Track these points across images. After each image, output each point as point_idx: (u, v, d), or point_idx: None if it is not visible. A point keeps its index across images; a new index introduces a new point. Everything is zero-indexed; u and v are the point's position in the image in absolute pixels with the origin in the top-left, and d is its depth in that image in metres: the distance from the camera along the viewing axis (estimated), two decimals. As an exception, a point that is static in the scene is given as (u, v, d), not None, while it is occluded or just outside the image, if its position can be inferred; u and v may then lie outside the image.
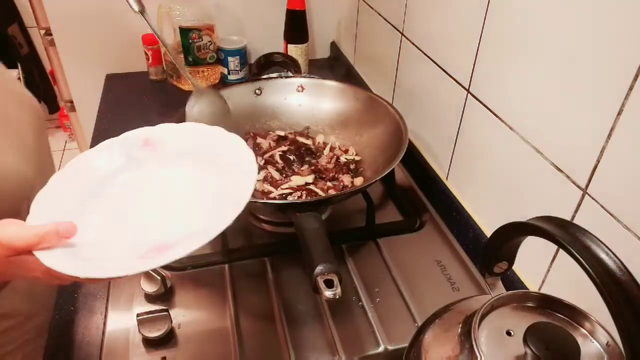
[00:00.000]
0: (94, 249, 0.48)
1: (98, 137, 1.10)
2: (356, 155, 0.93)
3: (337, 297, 0.54)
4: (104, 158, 0.60)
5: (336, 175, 0.87)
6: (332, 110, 0.99)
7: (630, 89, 0.50)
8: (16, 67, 2.55)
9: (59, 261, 0.44)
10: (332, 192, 0.84)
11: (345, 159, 0.91)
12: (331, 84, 1.00)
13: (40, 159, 0.71)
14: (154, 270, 0.69)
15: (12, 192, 0.59)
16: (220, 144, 0.59)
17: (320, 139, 0.97)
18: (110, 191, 0.57)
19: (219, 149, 0.58)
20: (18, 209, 0.61)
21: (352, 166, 0.90)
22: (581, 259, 0.36)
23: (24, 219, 0.60)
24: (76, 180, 0.56)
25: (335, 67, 1.45)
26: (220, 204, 0.51)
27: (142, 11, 0.85)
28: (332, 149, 0.95)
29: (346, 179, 0.86)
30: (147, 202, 0.56)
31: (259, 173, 0.85)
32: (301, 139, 0.95)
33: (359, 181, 0.87)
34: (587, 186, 0.57)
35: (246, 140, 0.68)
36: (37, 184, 0.68)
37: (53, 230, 0.46)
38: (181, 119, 0.85)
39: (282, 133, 0.97)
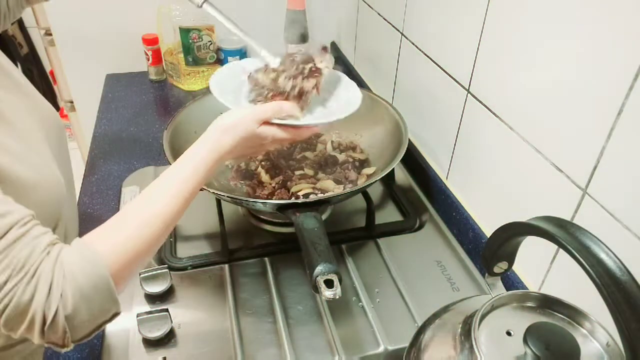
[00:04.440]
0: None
1: (98, 137, 1.10)
2: (361, 152, 0.93)
3: (337, 297, 0.54)
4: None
5: (318, 171, 0.88)
6: (332, 110, 0.99)
7: (630, 89, 0.50)
8: (16, 67, 2.55)
9: (296, 122, 0.65)
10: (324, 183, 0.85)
11: (352, 157, 0.91)
12: (331, 84, 1.00)
13: (65, 170, 0.72)
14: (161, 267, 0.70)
15: (53, 198, 0.60)
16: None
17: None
18: None
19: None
20: (57, 216, 0.62)
21: (357, 163, 0.90)
22: (581, 259, 0.36)
23: (63, 228, 0.64)
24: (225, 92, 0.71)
25: (335, 67, 1.45)
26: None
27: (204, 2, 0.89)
28: (329, 143, 0.95)
29: (352, 174, 0.86)
30: None
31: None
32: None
33: (362, 178, 0.86)
34: (587, 186, 0.57)
35: None
36: (66, 192, 0.68)
37: (279, 106, 0.64)
38: (182, 118, 0.86)
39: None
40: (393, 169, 0.79)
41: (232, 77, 0.76)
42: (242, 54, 1.31)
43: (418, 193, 0.95)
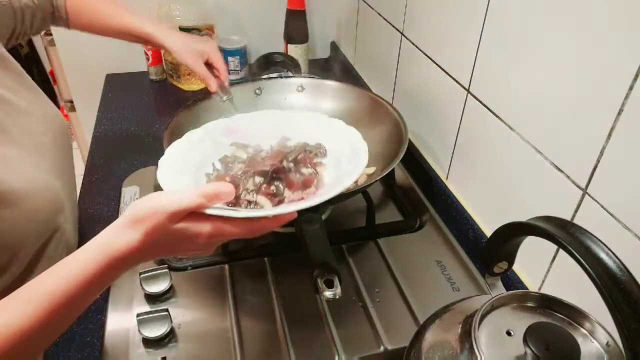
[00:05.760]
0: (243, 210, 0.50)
1: (98, 137, 1.10)
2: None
3: (337, 297, 0.54)
4: (197, 144, 0.62)
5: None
6: (332, 110, 0.99)
7: (630, 89, 0.50)
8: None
9: (240, 213, 0.46)
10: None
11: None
12: (331, 84, 1.00)
13: (66, 175, 0.71)
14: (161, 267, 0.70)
15: (46, 206, 0.58)
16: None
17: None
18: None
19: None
20: (54, 224, 0.60)
21: None
22: (581, 259, 0.36)
23: (62, 234, 0.62)
24: (183, 161, 0.58)
25: (335, 67, 1.45)
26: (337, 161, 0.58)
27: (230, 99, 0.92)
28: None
29: None
30: None
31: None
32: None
33: (362, 178, 0.86)
34: (587, 186, 0.57)
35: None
36: (65, 198, 0.67)
37: (214, 192, 0.45)
38: (182, 118, 0.86)
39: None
40: (393, 169, 0.79)
41: (204, 145, 0.62)
42: (242, 54, 1.31)
43: (418, 193, 0.95)
